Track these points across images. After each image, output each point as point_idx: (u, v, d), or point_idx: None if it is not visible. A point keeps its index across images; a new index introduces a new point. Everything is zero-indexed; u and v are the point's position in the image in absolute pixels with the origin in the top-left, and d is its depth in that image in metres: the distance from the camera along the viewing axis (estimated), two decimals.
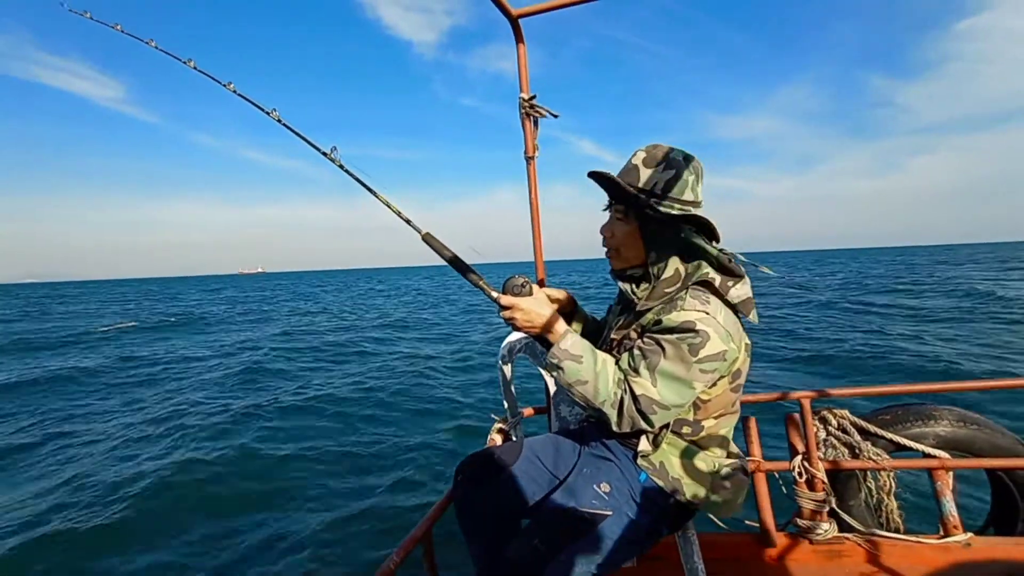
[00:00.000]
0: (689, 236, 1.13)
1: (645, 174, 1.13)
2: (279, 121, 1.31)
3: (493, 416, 1.75)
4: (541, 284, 1.59)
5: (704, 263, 1.12)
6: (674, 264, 1.13)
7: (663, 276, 1.14)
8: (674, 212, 1.11)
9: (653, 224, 1.14)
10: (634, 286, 1.20)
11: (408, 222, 1.23)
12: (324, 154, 1.26)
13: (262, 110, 1.32)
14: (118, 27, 1.33)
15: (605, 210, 1.24)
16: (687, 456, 1.15)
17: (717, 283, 1.10)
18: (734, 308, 1.10)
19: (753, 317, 1.13)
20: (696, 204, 1.14)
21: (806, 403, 1.76)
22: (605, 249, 1.25)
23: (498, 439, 1.66)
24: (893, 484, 1.80)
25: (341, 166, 1.25)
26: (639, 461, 1.16)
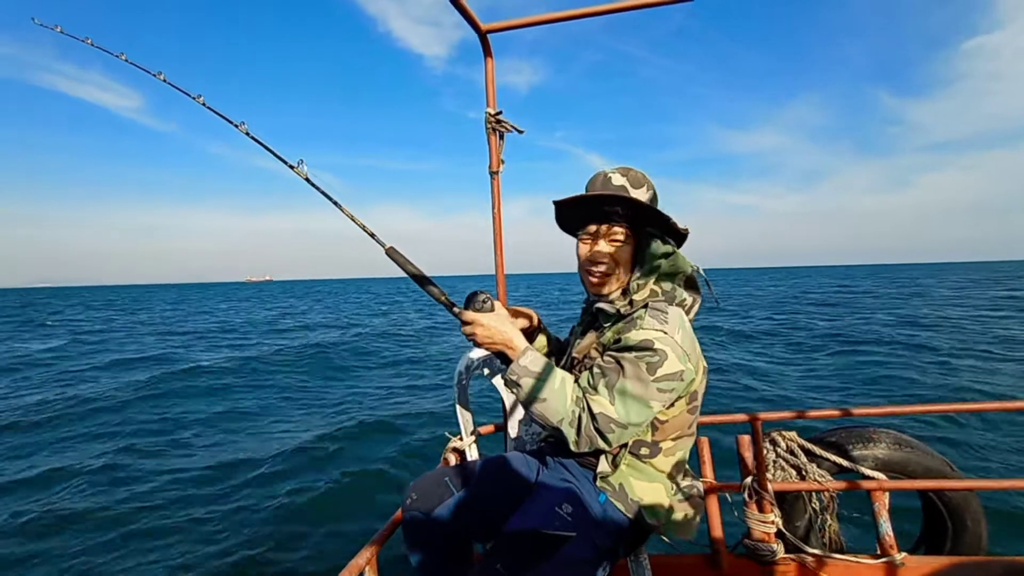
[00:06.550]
0: (674, 249, 1.17)
1: (638, 195, 1.16)
2: (247, 134, 1.31)
3: (448, 434, 1.69)
4: (503, 300, 1.61)
5: (678, 282, 1.17)
6: (652, 279, 1.18)
7: (641, 293, 1.17)
8: (680, 228, 1.16)
9: (646, 242, 1.18)
10: (610, 304, 1.21)
11: (372, 236, 1.23)
12: (291, 167, 1.26)
13: (231, 123, 1.32)
14: (88, 40, 1.32)
15: (590, 236, 1.22)
16: (646, 478, 1.15)
17: (688, 303, 1.17)
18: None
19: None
20: None
21: (757, 425, 1.80)
22: (595, 275, 1.21)
23: (452, 459, 1.61)
24: (835, 504, 1.87)
25: (307, 179, 1.25)
26: (598, 483, 1.16)
